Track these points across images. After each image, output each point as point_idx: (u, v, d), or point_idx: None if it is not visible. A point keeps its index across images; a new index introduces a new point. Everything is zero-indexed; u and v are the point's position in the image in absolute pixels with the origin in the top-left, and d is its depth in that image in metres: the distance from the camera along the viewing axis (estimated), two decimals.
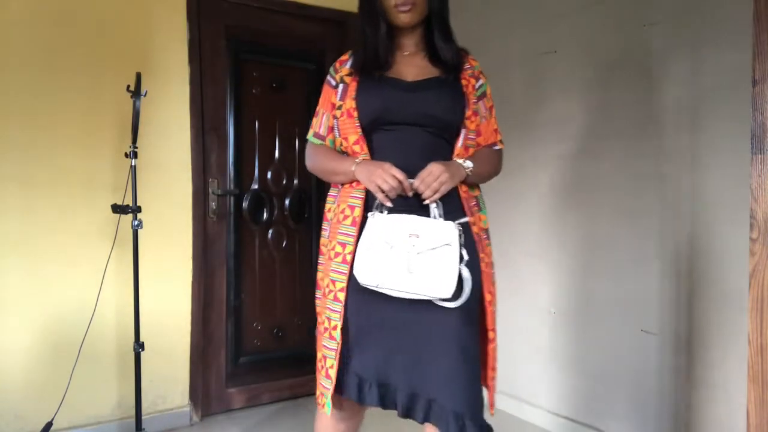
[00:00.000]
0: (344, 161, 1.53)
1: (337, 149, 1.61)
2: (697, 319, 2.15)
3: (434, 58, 1.57)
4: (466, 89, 1.57)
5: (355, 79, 1.56)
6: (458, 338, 1.44)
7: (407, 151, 1.49)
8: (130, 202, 2.28)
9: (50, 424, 2.31)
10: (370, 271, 1.41)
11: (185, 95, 2.70)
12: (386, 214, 1.44)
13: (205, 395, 2.82)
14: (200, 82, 2.75)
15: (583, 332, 2.56)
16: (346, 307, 1.49)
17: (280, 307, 3.04)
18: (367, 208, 1.50)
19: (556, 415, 2.67)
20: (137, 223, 2.28)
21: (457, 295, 1.39)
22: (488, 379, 1.59)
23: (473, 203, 1.59)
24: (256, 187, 2.95)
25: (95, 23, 2.48)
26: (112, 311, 2.52)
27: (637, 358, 2.35)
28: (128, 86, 2.23)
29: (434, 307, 1.42)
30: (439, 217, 1.43)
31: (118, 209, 2.26)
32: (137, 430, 2.32)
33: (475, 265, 1.47)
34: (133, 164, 2.26)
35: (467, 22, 3.20)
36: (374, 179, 1.42)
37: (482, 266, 1.53)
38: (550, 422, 2.69)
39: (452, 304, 1.39)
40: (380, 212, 1.45)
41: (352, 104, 1.53)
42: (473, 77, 1.61)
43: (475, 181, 1.58)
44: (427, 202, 1.43)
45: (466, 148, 1.55)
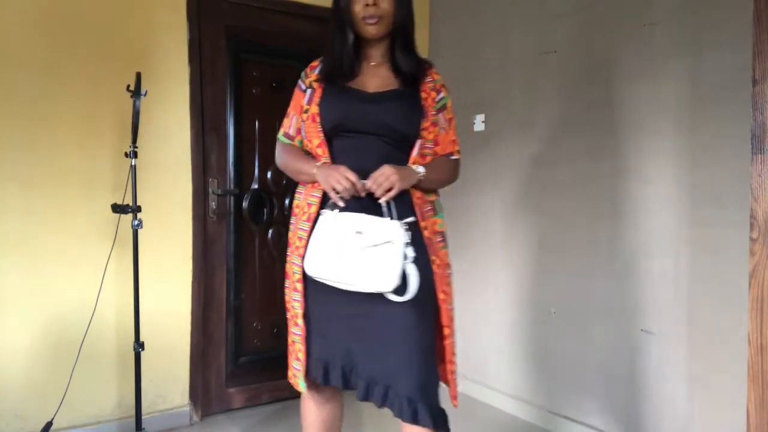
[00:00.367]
0: (308, 163, 1.65)
1: (304, 149, 1.72)
2: (697, 319, 2.15)
3: (397, 70, 1.66)
4: (425, 102, 1.65)
5: (321, 85, 1.66)
6: (411, 329, 1.55)
7: (365, 157, 1.58)
8: (130, 202, 2.28)
9: (50, 424, 2.31)
10: (316, 263, 1.53)
11: (185, 95, 2.70)
12: (337, 212, 1.54)
13: (205, 395, 2.82)
14: (200, 82, 2.75)
15: (583, 332, 2.56)
16: (305, 296, 1.63)
17: (280, 306, 2.99)
18: (323, 206, 1.61)
19: (555, 415, 2.68)
20: (137, 223, 2.28)
21: (402, 290, 1.47)
22: (447, 373, 1.69)
23: (428, 208, 1.67)
24: (256, 187, 2.95)
25: (95, 23, 2.48)
26: (112, 311, 2.52)
27: (637, 358, 2.35)
28: (128, 86, 2.23)
29: (388, 300, 1.50)
30: (387, 215, 1.52)
31: (118, 209, 2.26)
32: (137, 429, 2.32)
33: (426, 265, 1.57)
34: (133, 164, 2.26)
35: (467, 22, 3.21)
36: (329, 181, 1.53)
37: (434, 267, 1.62)
38: (550, 422, 2.69)
39: (399, 298, 1.48)
40: (331, 210, 1.56)
41: (316, 110, 1.64)
42: (434, 90, 1.69)
43: (428, 186, 1.65)
44: (382, 201, 1.52)
45: (422, 156, 1.64)
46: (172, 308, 2.69)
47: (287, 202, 3.03)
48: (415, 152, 1.62)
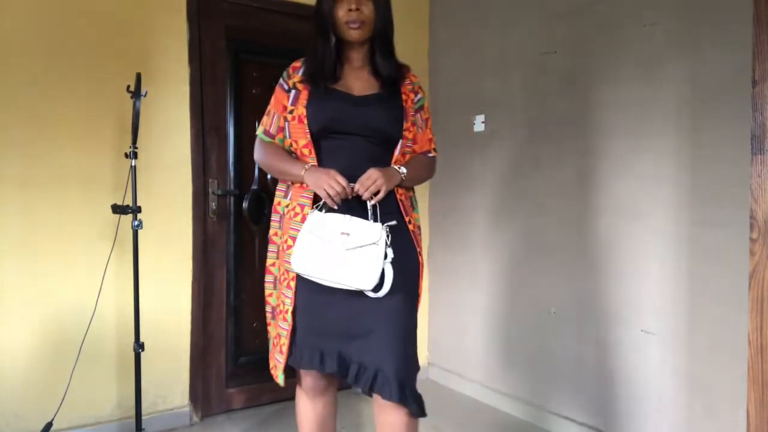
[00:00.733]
0: (294, 165, 1.70)
1: (286, 148, 1.76)
2: (697, 319, 2.15)
3: (377, 73, 1.74)
4: (405, 103, 1.75)
5: (306, 87, 1.71)
6: (399, 316, 1.65)
7: (351, 158, 1.66)
8: (130, 202, 2.28)
9: (50, 424, 2.31)
10: (302, 260, 1.59)
11: (185, 95, 2.70)
12: (324, 212, 1.62)
13: (205, 395, 2.82)
14: (200, 82, 2.75)
15: (582, 332, 2.56)
16: (297, 293, 1.69)
17: None
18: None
19: (555, 414, 2.68)
20: (137, 223, 2.28)
21: (379, 287, 1.55)
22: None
23: (409, 203, 1.78)
24: (256, 187, 2.95)
25: (95, 24, 2.48)
26: (112, 311, 2.52)
27: (637, 358, 2.35)
28: (128, 86, 2.23)
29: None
30: (371, 217, 1.60)
31: (118, 209, 2.26)
32: (137, 430, 2.32)
33: (414, 257, 1.72)
34: (133, 164, 2.26)
35: (467, 22, 3.21)
36: (321, 185, 1.60)
37: (419, 259, 1.75)
38: (550, 422, 2.69)
39: (375, 294, 1.56)
40: (319, 210, 1.63)
41: (302, 111, 1.68)
42: (413, 92, 1.78)
43: (408, 184, 1.75)
44: (369, 204, 1.60)
45: (403, 154, 1.74)
46: (172, 308, 2.69)
47: None
48: (397, 151, 1.71)
